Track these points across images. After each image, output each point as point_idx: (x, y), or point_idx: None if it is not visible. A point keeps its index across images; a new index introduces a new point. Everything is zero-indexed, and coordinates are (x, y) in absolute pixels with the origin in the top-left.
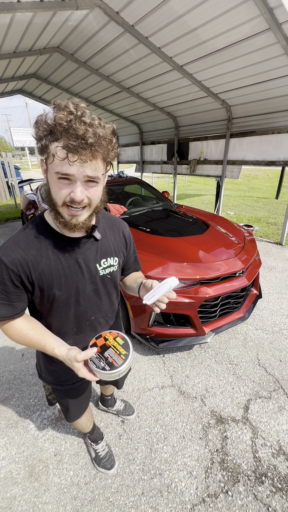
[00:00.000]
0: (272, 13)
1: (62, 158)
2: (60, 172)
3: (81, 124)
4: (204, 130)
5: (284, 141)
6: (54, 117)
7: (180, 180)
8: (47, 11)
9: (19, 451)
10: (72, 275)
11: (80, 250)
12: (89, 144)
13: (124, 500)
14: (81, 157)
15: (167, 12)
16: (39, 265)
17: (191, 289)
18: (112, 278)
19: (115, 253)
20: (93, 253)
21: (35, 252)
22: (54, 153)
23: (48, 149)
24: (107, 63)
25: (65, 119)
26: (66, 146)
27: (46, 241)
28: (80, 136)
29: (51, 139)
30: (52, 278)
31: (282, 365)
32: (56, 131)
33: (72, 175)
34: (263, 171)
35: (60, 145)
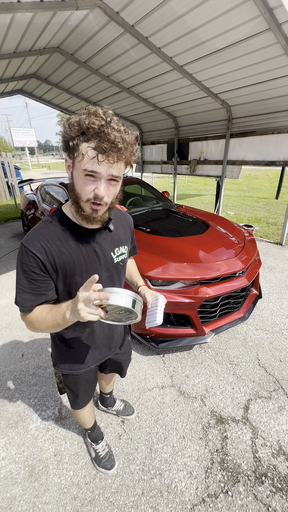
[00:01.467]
0: (272, 13)
1: (91, 157)
2: (87, 169)
3: (112, 130)
4: (204, 130)
5: (284, 141)
6: (87, 120)
7: (180, 180)
8: (47, 11)
9: (19, 451)
10: (91, 263)
11: (97, 240)
12: (118, 148)
13: (124, 500)
14: (108, 158)
15: (167, 12)
16: (62, 254)
17: (191, 289)
18: (123, 265)
19: (125, 242)
20: (108, 242)
21: (58, 243)
22: (84, 153)
23: (78, 148)
24: (107, 63)
25: (98, 124)
26: (97, 148)
27: (68, 232)
28: (111, 141)
29: (82, 140)
30: (75, 266)
31: (282, 365)
32: (88, 133)
33: (98, 173)
34: (263, 171)
35: (91, 146)
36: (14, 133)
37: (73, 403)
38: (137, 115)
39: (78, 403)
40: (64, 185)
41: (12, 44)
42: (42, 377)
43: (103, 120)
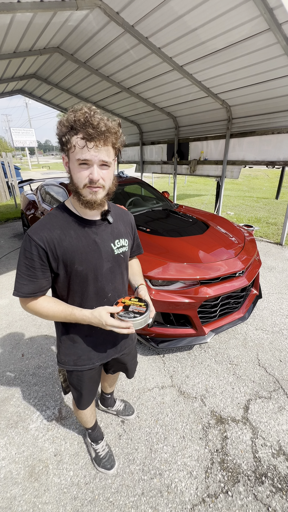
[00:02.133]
0: (272, 13)
1: (81, 146)
2: (80, 158)
3: (95, 118)
4: (204, 130)
5: (284, 141)
6: (73, 115)
7: (180, 180)
8: (47, 11)
9: (19, 451)
10: (91, 252)
11: (97, 230)
12: (101, 132)
13: (124, 500)
14: (96, 143)
15: (167, 12)
16: (63, 242)
17: (191, 289)
18: (125, 258)
19: (125, 236)
20: (107, 234)
21: (59, 232)
22: (75, 144)
23: (70, 142)
24: (107, 63)
25: (83, 116)
26: (85, 135)
27: (69, 222)
28: (94, 126)
29: (72, 134)
30: (74, 254)
31: (282, 365)
32: (76, 126)
33: (90, 160)
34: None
35: (79, 136)
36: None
37: (77, 402)
38: (137, 115)
39: (83, 402)
40: (64, 185)
41: (12, 44)
42: (42, 377)
43: (87, 113)
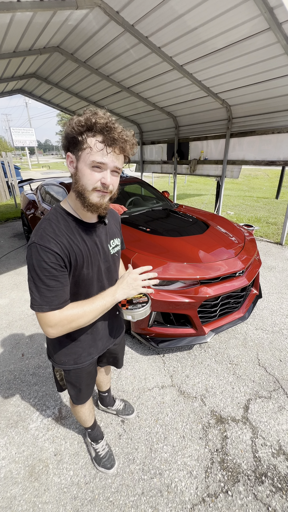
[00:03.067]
0: (272, 12)
1: (99, 149)
2: (96, 160)
3: (116, 126)
4: (204, 130)
5: (284, 141)
6: (93, 118)
7: (180, 180)
8: (47, 10)
9: (19, 451)
10: (94, 255)
11: (96, 233)
12: (124, 140)
13: (124, 500)
14: (114, 149)
15: (167, 11)
16: (73, 247)
17: (191, 289)
18: (118, 256)
19: (117, 235)
20: (104, 235)
21: (68, 237)
22: (92, 145)
23: (85, 142)
24: (107, 63)
25: (103, 121)
26: (105, 141)
27: (73, 227)
28: (117, 134)
29: (89, 134)
30: (83, 258)
31: (282, 365)
32: (95, 129)
33: (106, 163)
34: (263, 171)
35: (98, 139)
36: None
37: (76, 398)
38: (137, 114)
39: (82, 397)
40: (64, 185)
41: (12, 43)
42: (42, 377)
43: (107, 119)
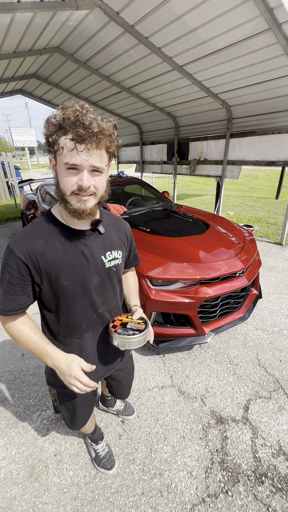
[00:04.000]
0: (272, 13)
1: (71, 149)
2: (69, 162)
3: (86, 117)
4: (204, 130)
5: (284, 141)
6: (62, 113)
7: (180, 180)
8: (47, 11)
9: (19, 451)
10: (78, 265)
11: (86, 241)
12: (94, 133)
13: (124, 500)
14: (87, 146)
15: (167, 12)
16: (46, 254)
17: (191, 289)
18: (117, 271)
19: (118, 247)
20: (98, 245)
21: (43, 242)
22: (63, 145)
23: (58, 143)
24: (107, 63)
25: (73, 115)
26: (74, 136)
27: (54, 232)
28: (86, 126)
29: (60, 134)
30: (59, 267)
31: (282, 365)
32: (65, 125)
33: (80, 164)
34: (263, 171)
35: (68, 137)
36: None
37: (70, 422)
38: (137, 115)
39: (76, 423)
40: None
41: (12, 44)
42: (42, 377)
43: (78, 111)
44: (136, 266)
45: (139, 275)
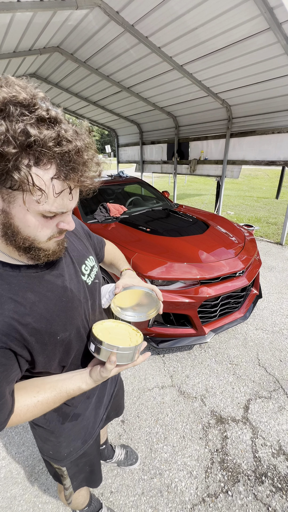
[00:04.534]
0: (272, 12)
1: (59, 192)
2: (52, 210)
3: (73, 140)
4: (204, 130)
5: (284, 141)
6: (26, 124)
7: (180, 180)
8: (47, 10)
9: (19, 451)
10: (68, 305)
11: (59, 271)
12: (84, 162)
13: (124, 500)
14: (76, 182)
15: (167, 12)
16: (25, 318)
17: (191, 289)
18: (99, 281)
19: (87, 251)
20: (70, 266)
21: (13, 304)
22: (43, 188)
23: (25, 179)
24: (107, 63)
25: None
26: (63, 173)
27: (17, 282)
28: (83, 161)
29: (26, 162)
30: (51, 323)
31: (282, 365)
32: (38, 149)
33: (67, 211)
34: (263, 171)
35: (50, 174)
36: None
37: (91, 482)
38: (137, 114)
39: (98, 476)
40: None
41: (12, 43)
42: None
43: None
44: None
45: (139, 275)
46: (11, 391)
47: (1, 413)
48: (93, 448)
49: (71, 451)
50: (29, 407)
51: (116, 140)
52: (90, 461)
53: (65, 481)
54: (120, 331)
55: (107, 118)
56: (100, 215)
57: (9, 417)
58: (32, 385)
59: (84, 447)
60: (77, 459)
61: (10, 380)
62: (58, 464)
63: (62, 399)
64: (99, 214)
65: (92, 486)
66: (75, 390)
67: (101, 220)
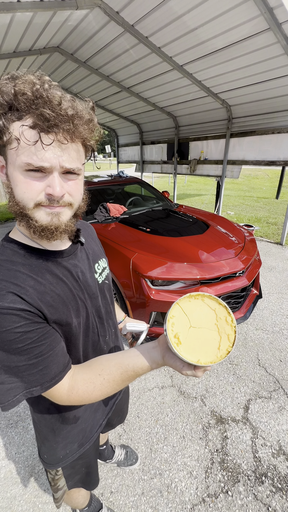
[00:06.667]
0: (272, 13)
1: (32, 141)
2: (31, 162)
3: (52, 93)
4: (204, 130)
5: (284, 141)
6: (11, 86)
7: (180, 180)
8: (47, 11)
9: (19, 451)
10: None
11: (75, 262)
12: (69, 117)
13: (124, 500)
14: (58, 136)
15: (167, 12)
16: (45, 296)
17: (191, 289)
18: (109, 283)
19: (101, 254)
20: (85, 261)
21: (33, 282)
22: (18, 136)
23: (8, 132)
24: (107, 63)
25: (30, 88)
26: (38, 122)
27: (38, 264)
28: (54, 106)
29: (11, 118)
30: (66, 305)
31: (282, 365)
32: (19, 104)
33: (49, 166)
34: (263, 171)
35: (27, 123)
36: None
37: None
38: (137, 114)
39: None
40: None
41: (12, 44)
42: None
43: (37, 84)
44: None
45: (139, 275)
46: (61, 345)
47: (53, 364)
48: (91, 452)
49: (67, 453)
50: (95, 385)
51: (116, 140)
52: (87, 463)
53: (59, 482)
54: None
55: (107, 118)
56: (100, 215)
57: (65, 371)
58: (96, 363)
59: (80, 450)
60: (74, 461)
61: (56, 336)
62: (52, 468)
63: (130, 378)
64: (99, 214)
65: (87, 488)
66: (143, 369)
67: (101, 220)
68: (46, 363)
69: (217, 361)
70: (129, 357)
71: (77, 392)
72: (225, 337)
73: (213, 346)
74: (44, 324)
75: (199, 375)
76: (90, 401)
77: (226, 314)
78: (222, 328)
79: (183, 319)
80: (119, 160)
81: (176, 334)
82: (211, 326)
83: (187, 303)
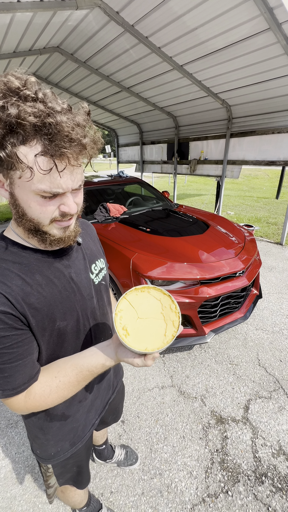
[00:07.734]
0: (272, 13)
1: (47, 170)
2: (47, 190)
3: (59, 113)
4: (204, 130)
5: (284, 141)
6: (10, 104)
7: (180, 180)
8: (47, 11)
9: (19, 451)
10: (70, 296)
11: (69, 262)
12: (81, 145)
13: (124, 500)
14: (70, 161)
15: (167, 12)
16: (29, 297)
17: (191, 289)
18: (106, 284)
19: (99, 254)
20: (80, 261)
21: (20, 282)
22: (31, 165)
23: (13, 157)
24: (107, 63)
25: (32, 110)
26: (50, 151)
27: (28, 263)
28: (70, 133)
29: (15, 142)
30: (52, 307)
31: (282, 365)
32: (24, 129)
33: (63, 191)
34: (263, 171)
35: (36, 150)
36: None
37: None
38: (137, 114)
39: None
40: None
41: (12, 44)
42: None
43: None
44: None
45: (139, 275)
46: (32, 357)
47: (18, 374)
48: (82, 451)
49: (58, 451)
50: (51, 388)
51: (116, 140)
52: (78, 462)
53: (50, 480)
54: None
55: (107, 118)
56: (100, 215)
57: (30, 383)
58: (53, 365)
59: (72, 449)
60: (65, 460)
61: (34, 346)
62: (45, 463)
63: (86, 378)
64: (99, 214)
65: (78, 487)
66: (98, 367)
67: (101, 220)
68: (12, 372)
69: (163, 347)
70: (84, 357)
71: (34, 397)
72: (170, 323)
73: (159, 333)
74: (21, 331)
75: (149, 363)
76: (47, 406)
77: (170, 302)
78: (168, 316)
79: (131, 311)
80: (119, 160)
81: (124, 326)
82: (157, 315)
83: (134, 296)
